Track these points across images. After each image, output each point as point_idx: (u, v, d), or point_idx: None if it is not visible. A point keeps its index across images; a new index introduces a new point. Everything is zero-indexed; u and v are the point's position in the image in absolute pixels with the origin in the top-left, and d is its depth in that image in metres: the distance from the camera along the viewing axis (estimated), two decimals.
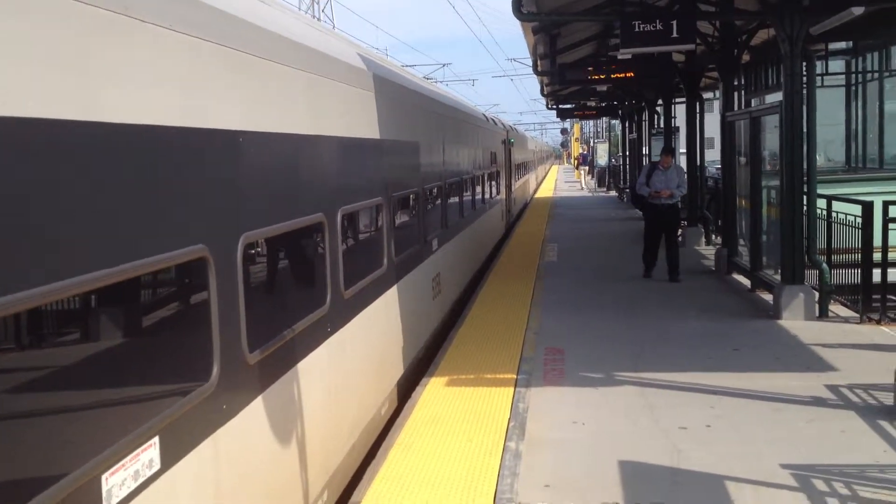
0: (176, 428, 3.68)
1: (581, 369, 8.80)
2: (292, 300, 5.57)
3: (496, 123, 23.65)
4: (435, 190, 11.33)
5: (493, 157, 19.87)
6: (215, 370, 4.12)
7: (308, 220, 5.68)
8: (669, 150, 14.66)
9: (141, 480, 3.37)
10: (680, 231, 16.30)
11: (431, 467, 6.30)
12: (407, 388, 8.82)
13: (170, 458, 3.61)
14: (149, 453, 3.44)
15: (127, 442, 3.26)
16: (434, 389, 8.26)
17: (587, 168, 58.19)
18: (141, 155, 3.46)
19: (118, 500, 3.20)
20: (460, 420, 7.33)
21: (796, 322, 10.54)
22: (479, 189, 17.03)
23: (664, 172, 14.02)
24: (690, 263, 15.93)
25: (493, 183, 19.94)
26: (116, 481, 3.20)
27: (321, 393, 5.91)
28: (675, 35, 11.73)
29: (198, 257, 3.97)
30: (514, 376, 8.59)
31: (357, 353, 6.96)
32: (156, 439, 3.50)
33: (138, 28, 3.47)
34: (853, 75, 18.27)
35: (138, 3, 3.48)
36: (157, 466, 3.50)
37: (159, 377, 3.70)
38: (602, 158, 52.91)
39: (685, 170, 15.10)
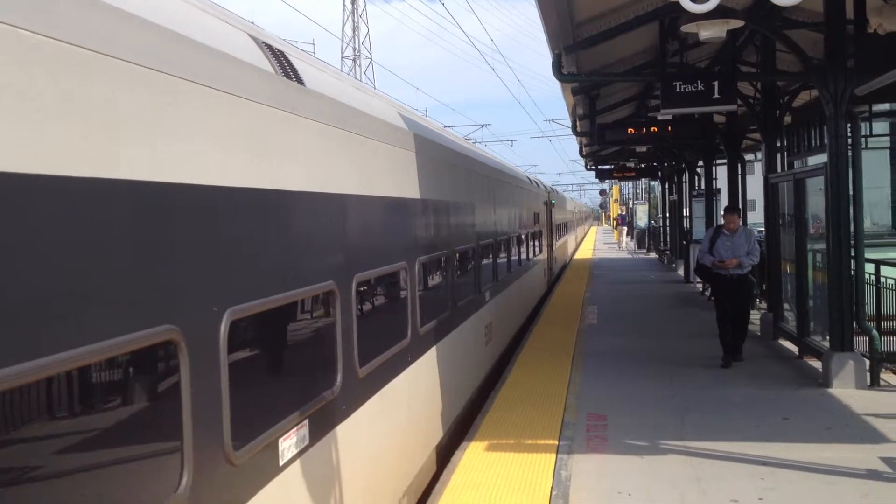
0: (317, 417, 4.96)
1: (624, 436, 8.58)
2: (396, 322, 7.05)
3: (538, 185, 25.12)
4: (487, 246, 12.53)
5: (536, 217, 20.98)
6: (339, 379, 5.36)
7: (397, 266, 7.13)
8: (735, 209, 12.50)
9: (298, 449, 4.69)
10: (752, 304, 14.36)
11: None
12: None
13: (314, 437, 4.92)
14: (302, 431, 4.78)
15: (293, 419, 4.61)
16: (474, 454, 8.10)
17: (626, 229, 57.96)
18: (300, 214, 4.78)
19: (285, 459, 4.52)
20: (501, 486, 7.16)
21: (847, 390, 10.22)
22: (524, 247, 18.03)
23: (730, 237, 11.95)
24: None
25: (537, 242, 21.05)
26: (286, 445, 4.54)
27: (409, 399, 7.29)
28: (716, 96, 11.70)
29: (328, 290, 5.22)
30: (556, 442, 8.40)
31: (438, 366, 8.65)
32: (306, 422, 4.83)
33: (299, 122, 4.90)
34: None
35: (300, 105, 4.94)
36: (306, 441, 4.84)
37: (310, 381, 5.02)
38: (642, 220, 52.70)
39: (755, 233, 12.90)
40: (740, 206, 19.36)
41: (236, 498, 3.93)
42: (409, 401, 7.42)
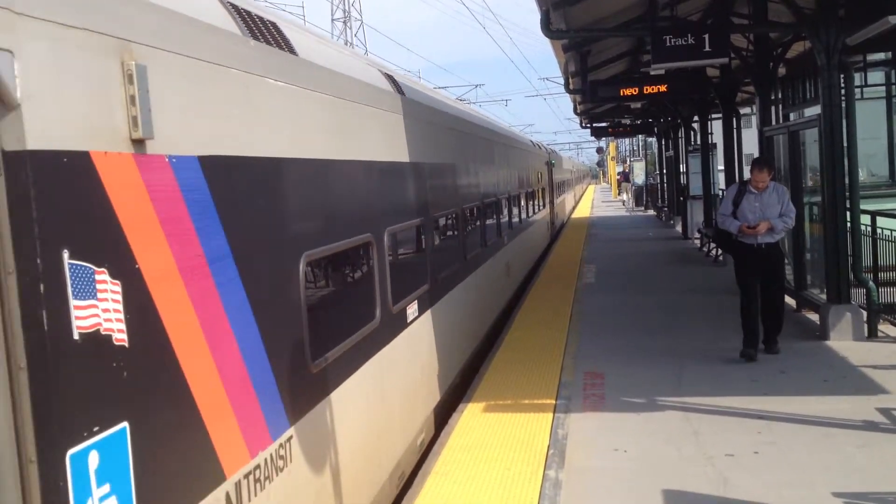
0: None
1: (622, 394, 8.58)
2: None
3: (540, 148, 28.25)
4: (504, 200, 15.23)
5: (539, 176, 23.71)
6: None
7: (448, 212, 9.83)
8: (766, 163, 9.84)
9: (413, 316, 7.54)
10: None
11: (469, 496, 6.14)
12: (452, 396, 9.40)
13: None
14: (412, 308, 7.61)
15: (412, 298, 7.36)
16: (471, 415, 8.10)
17: (628, 185, 57.83)
18: (348, 179, 6.09)
19: (409, 319, 7.34)
20: (498, 447, 7.16)
21: (844, 343, 10.21)
22: (532, 203, 20.95)
23: (758, 196, 9.60)
24: (729, 281, 15.60)
25: (541, 199, 23.95)
26: (410, 311, 7.52)
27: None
28: (707, 49, 11.53)
29: (418, 223, 8.16)
30: (553, 401, 8.40)
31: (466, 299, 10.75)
32: (416, 303, 7.61)
33: (365, 111, 6.59)
34: (894, 87, 17.87)
35: (364, 97, 6.56)
36: (416, 314, 7.52)
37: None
38: (639, 177, 52.50)
39: (786, 188, 10.28)
40: (736, 161, 19.18)
41: (395, 332, 6.97)
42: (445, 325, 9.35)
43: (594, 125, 35.46)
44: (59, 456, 2.70)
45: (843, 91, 10.96)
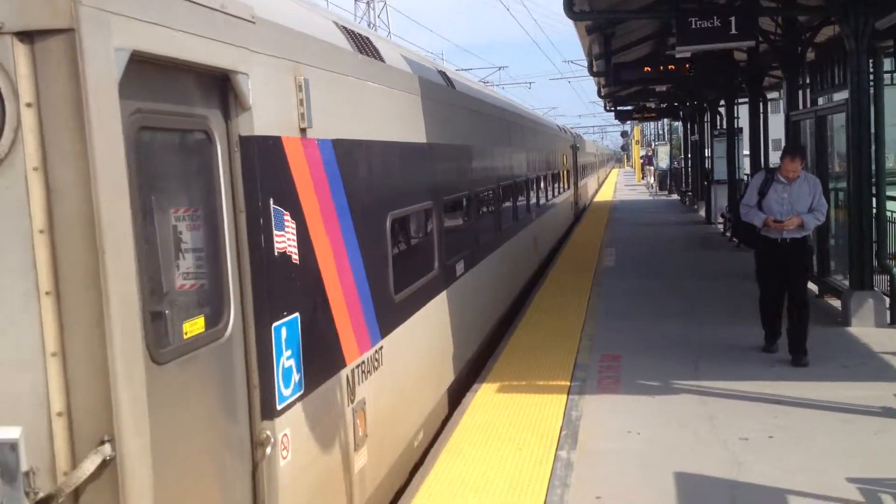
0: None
1: (637, 377, 8.54)
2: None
3: (566, 132, 29.68)
4: (534, 179, 16.72)
5: (564, 159, 25.07)
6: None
7: (489, 188, 11.32)
8: (797, 151, 8.98)
9: (456, 276, 8.79)
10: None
11: (480, 474, 6.14)
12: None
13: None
14: (460, 266, 9.08)
15: (460, 256, 8.99)
16: (485, 395, 8.09)
17: (652, 169, 57.47)
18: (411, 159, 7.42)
19: (457, 275, 8.75)
20: (512, 426, 7.16)
21: (866, 329, 10.09)
22: (558, 184, 22.39)
23: (787, 187, 8.75)
24: (751, 266, 15.46)
25: (566, 180, 25.32)
26: (458, 268, 8.96)
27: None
28: (734, 31, 11.37)
29: (465, 195, 9.63)
30: (568, 383, 8.37)
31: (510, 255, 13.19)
32: (464, 262, 9.20)
33: (427, 103, 7.94)
34: None
35: (427, 91, 7.95)
36: (462, 270, 9.06)
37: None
38: (663, 161, 52.14)
39: (818, 180, 9.32)
40: (762, 146, 18.94)
41: (448, 282, 8.43)
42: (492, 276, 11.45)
43: (618, 108, 35.22)
44: (267, 326, 4.22)
45: (871, 76, 10.78)
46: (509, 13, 41.09)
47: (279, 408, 4.26)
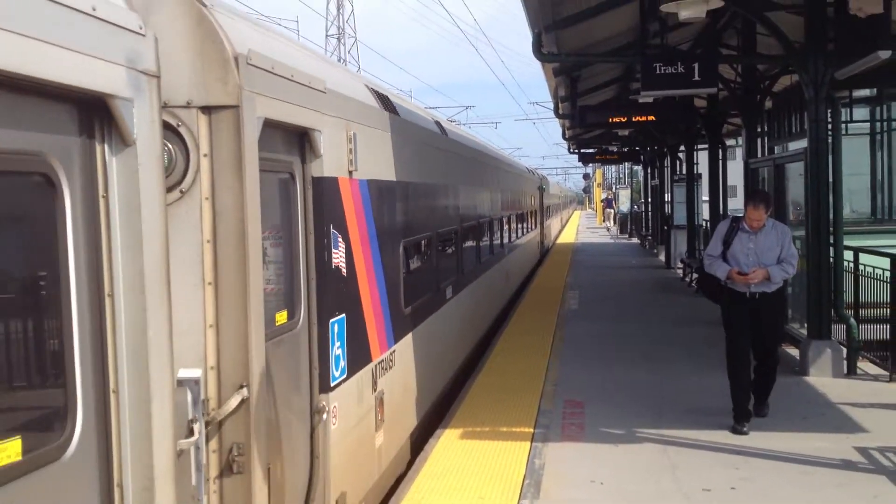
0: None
1: (601, 424, 8.50)
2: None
3: (534, 174, 31.00)
4: (507, 217, 18.14)
5: (532, 199, 26.26)
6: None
7: (472, 222, 12.88)
8: (763, 199, 8.24)
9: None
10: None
11: None
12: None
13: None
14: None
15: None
16: (448, 441, 8.00)
17: (612, 212, 58.03)
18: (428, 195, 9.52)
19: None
20: (473, 475, 7.07)
21: (824, 379, 10.16)
22: (527, 222, 23.87)
23: (753, 236, 8.14)
24: (711, 312, 15.60)
25: (533, 219, 26.70)
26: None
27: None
28: (696, 78, 11.55)
29: (454, 229, 10.99)
30: (532, 430, 8.31)
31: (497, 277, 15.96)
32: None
33: (428, 149, 9.69)
34: (878, 123, 18.00)
35: (429, 139, 9.78)
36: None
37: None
38: (624, 205, 52.65)
39: (787, 228, 8.62)
40: (721, 193, 19.23)
41: (440, 303, 9.80)
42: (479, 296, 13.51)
43: (582, 151, 35.60)
44: (327, 321, 5.43)
45: (829, 126, 10.98)
46: (478, 53, 41.50)
47: (332, 385, 5.45)
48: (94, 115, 2.86)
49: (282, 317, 4.95)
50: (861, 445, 7.59)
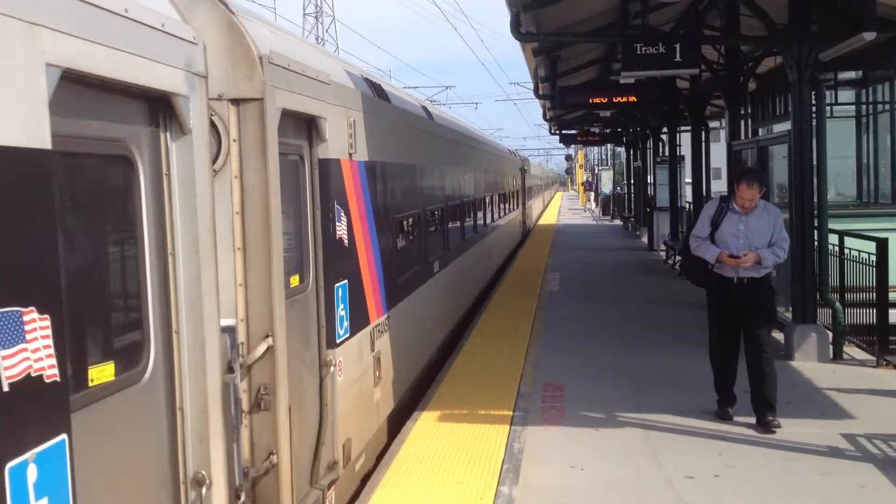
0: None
1: (581, 408, 8.33)
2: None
3: (515, 155, 32.10)
4: (492, 196, 19.41)
5: (514, 180, 27.14)
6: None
7: (461, 201, 14.07)
8: (757, 177, 7.85)
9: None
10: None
11: None
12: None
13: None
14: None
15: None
16: (425, 425, 7.82)
17: (592, 194, 57.93)
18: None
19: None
20: (452, 459, 6.90)
21: (809, 364, 10.00)
22: (510, 202, 25.25)
23: (743, 218, 7.68)
24: (694, 295, 15.46)
25: (515, 200, 27.77)
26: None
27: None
28: (678, 59, 11.34)
29: (440, 207, 11.89)
30: (511, 413, 8.14)
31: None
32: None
33: (413, 131, 10.48)
34: (863, 106, 17.85)
35: (415, 122, 10.54)
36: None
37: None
38: (606, 186, 52.58)
39: (779, 211, 8.05)
40: (704, 175, 19.07)
41: (428, 276, 10.45)
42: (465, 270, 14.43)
43: (563, 132, 35.39)
44: (332, 285, 6.05)
45: (813, 108, 10.81)
46: (457, 33, 41.13)
47: (338, 342, 6.11)
48: (159, 109, 3.46)
49: (295, 280, 5.58)
50: (848, 432, 7.44)
